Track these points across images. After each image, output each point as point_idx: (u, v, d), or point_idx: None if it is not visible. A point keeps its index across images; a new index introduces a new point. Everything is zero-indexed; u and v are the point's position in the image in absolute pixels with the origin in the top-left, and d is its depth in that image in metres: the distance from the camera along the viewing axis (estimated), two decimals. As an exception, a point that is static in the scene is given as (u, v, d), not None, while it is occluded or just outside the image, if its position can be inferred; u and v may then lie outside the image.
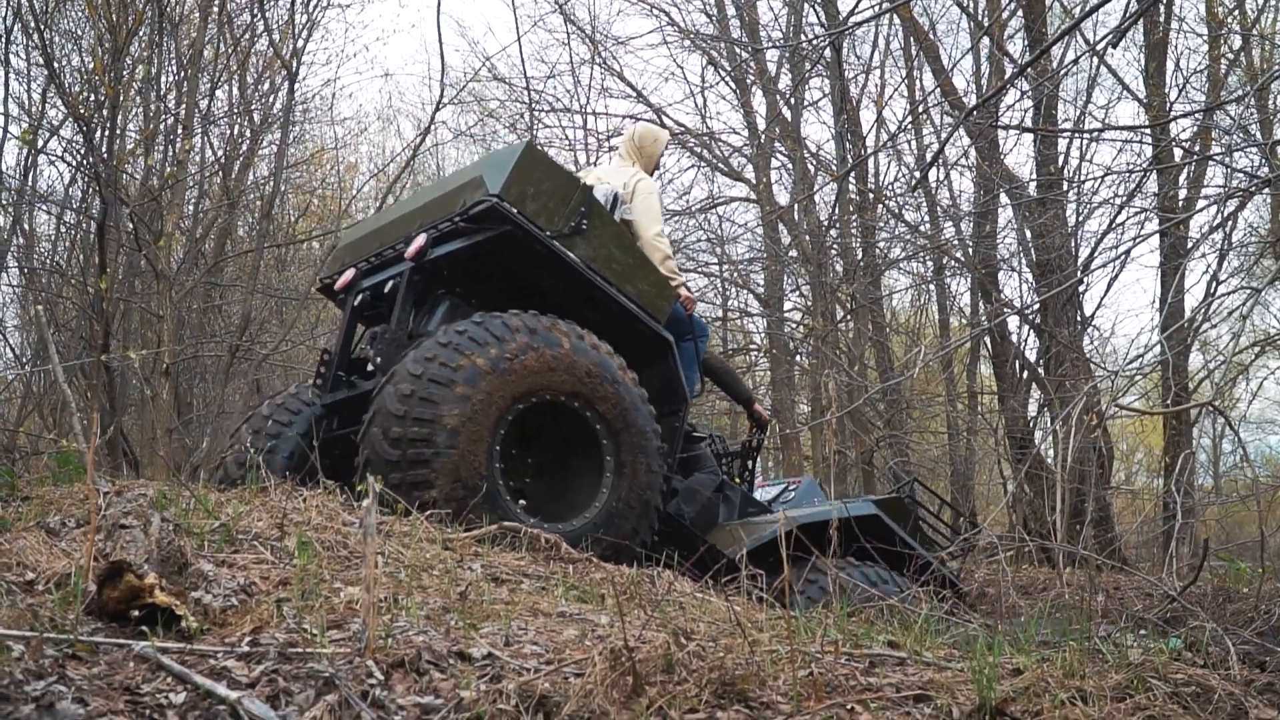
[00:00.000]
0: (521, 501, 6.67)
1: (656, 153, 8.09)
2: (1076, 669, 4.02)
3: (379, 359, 6.86)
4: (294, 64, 13.86)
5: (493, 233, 6.67)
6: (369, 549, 3.62)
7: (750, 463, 8.99)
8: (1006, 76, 14.68)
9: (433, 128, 14.80)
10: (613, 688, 3.47)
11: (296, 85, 14.46)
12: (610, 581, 5.09)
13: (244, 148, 14.84)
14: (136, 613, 3.91)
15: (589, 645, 3.84)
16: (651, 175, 8.06)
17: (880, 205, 18.50)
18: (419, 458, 6.05)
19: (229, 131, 15.04)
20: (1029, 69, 12.54)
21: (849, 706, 3.61)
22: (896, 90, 19.11)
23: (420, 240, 6.74)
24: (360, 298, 7.44)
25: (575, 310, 6.91)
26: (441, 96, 13.81)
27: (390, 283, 7.08)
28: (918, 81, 18.25)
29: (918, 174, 17.39)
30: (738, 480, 8.84)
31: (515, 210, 6.57)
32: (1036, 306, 15.94)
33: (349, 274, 7.51)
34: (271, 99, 15.02)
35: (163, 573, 4.28)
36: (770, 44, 18.68)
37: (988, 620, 5.64)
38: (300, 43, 14.28)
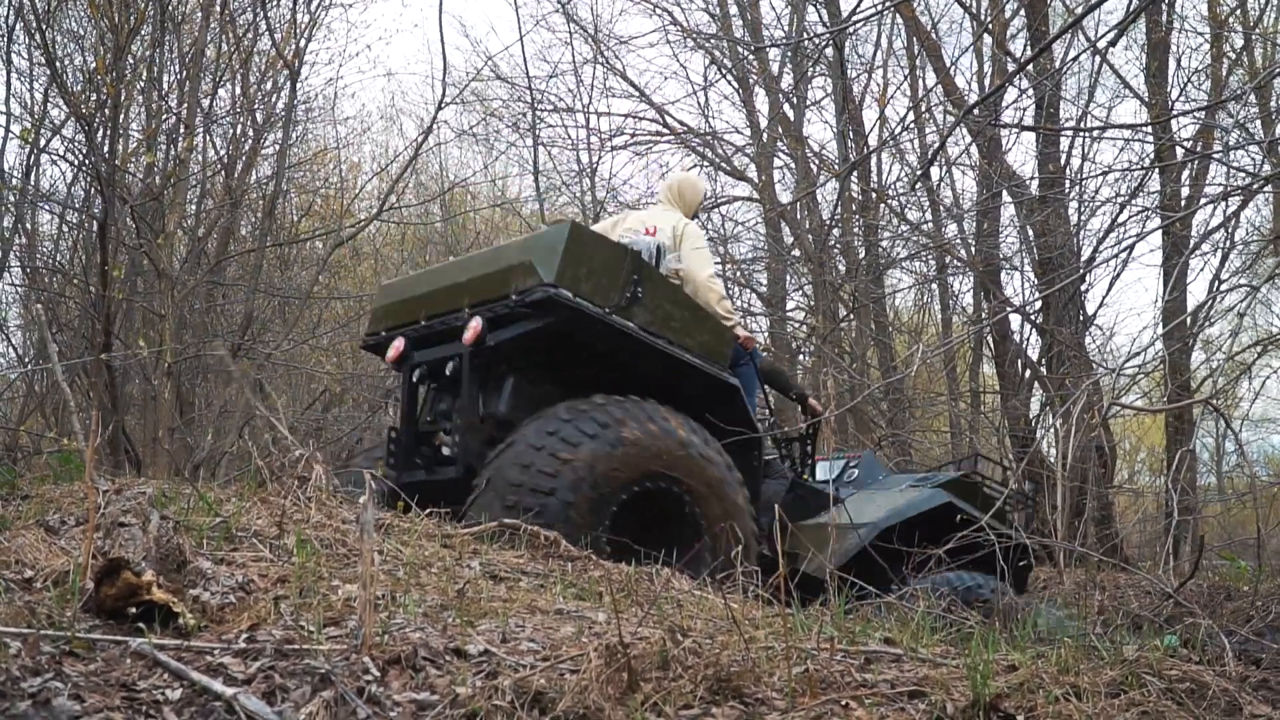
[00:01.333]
0: None
1: (697, 200, 8.12)
2: (1071, 665, 4.04)
3: (457, 447, 6.98)
4: (296, 63, 13.88)
5: (552, 318, 6.69)
6: (366, 546, 3.64)
7: (810, 447, 8.97)
8: (1007, 74, 14.66)
9: (435, 127, 14.80)
10: (608, 684, 3.48)
11: (299, 84, 14.50)
12: (607, 579, 5.10)
13: (246, 147, 14.84)
14: (134, 610, 3.93)
15: (585, 642, 3.85)
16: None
17: (882, 204, 18.51)
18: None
19: (231, 131, 15.06)
20: (1029, 67, 12.54)
21: (843, 703, 3.62)
22: (899, 89, 19.13)
23: (477, 325, 6.73)
24: (417, 373, 7.46)
25: (641, 370, 7.00)
26: (443, 96, 13.81)
27: (450, 364, 7.05)
28: (920, 80, 18.28)
29: (919, 172, 17.38)
30: (801, 470, 8.86)
31: (571, 294, 6.59)
32: (1038, 305, 15.96)
33: (399, 344, 7.49)
34: (274, 98, 15.04)
35: (161, 570, 4.29)
36: (772, 43, 18.69)
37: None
38: (302, 42, 14.32)
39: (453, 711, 3.36)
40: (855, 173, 17.40)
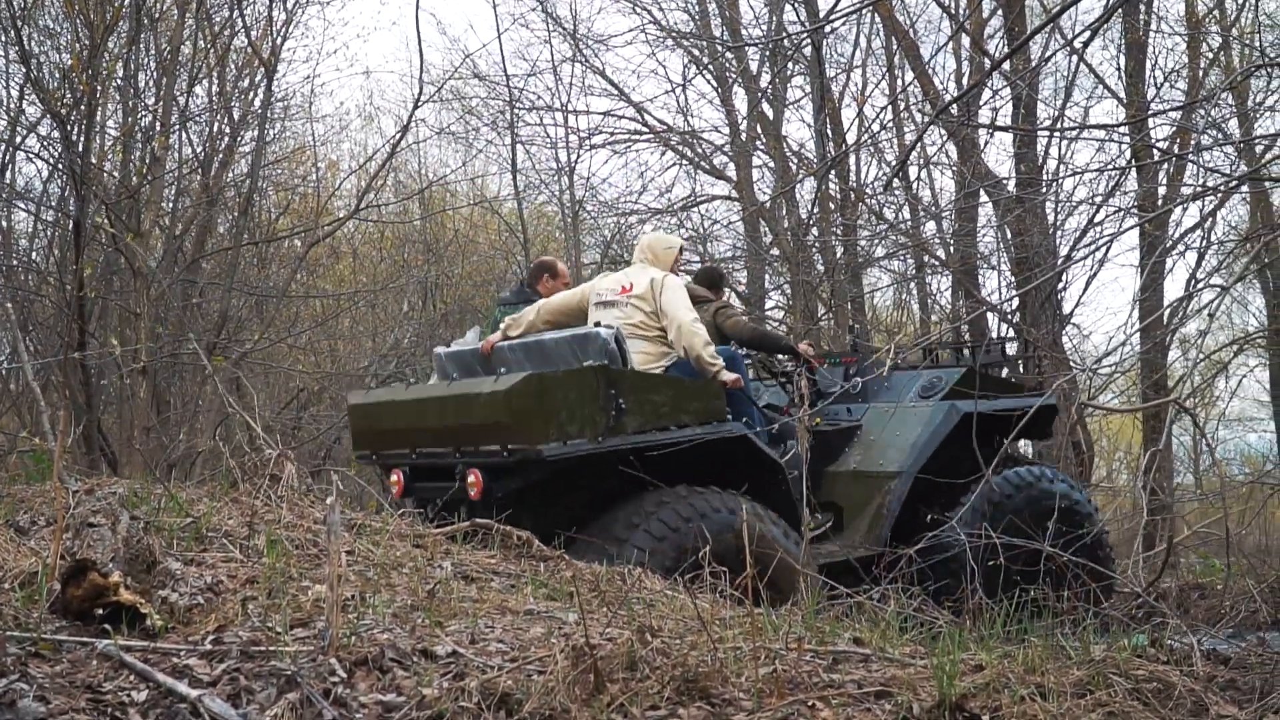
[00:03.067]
0: None
1: (671, 256, 8.04)
2: (1038, 665, 4.05)
3: None
4: (272, 61, 13.84)
5: (548, 470, 6.76)
6: (333, 547, 3.64)
7: (812, 379, 8.89)
8: (982, 74, 14.70)
9: (412, 125, 14.77)
10: (574, 685, 3.48)
11: (275, 82, 14.46)
12: (577, 579, 5.10)
13: (223, 145, 14.80)
14: (101, 611, 3.92)
15: (554, 643, 3.85)
16: None
17: (860, 203, 18.53)
18: None
19: (208, 128, 15.00)
20: (1006, 65, 12.57)
21: (810, 703, 3.63)
22: (876, 87, 19.15)
23: (478, 481, 6.78)
24: (429, 508, 7.44)
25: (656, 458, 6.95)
26: (420, 93, 13.76)
27: (461, 508, 7.00)
28: (899, 80, 18.29)
29: (893, 171, 17.41)
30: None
31: (561, 444, 6.60)
32: (1015, 304, 15.98)
33: (399, 479, 7.57)
34: (251, 96, 14.99)
35: (130, 571, 4.29)
36: (750, 41, 18.69)
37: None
38: (279, 39, 14.28)
39: (419, 713, 3.37)
40: (834, 172, 17.40)
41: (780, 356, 9.04)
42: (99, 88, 12.13)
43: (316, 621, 3.91)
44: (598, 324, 7.22)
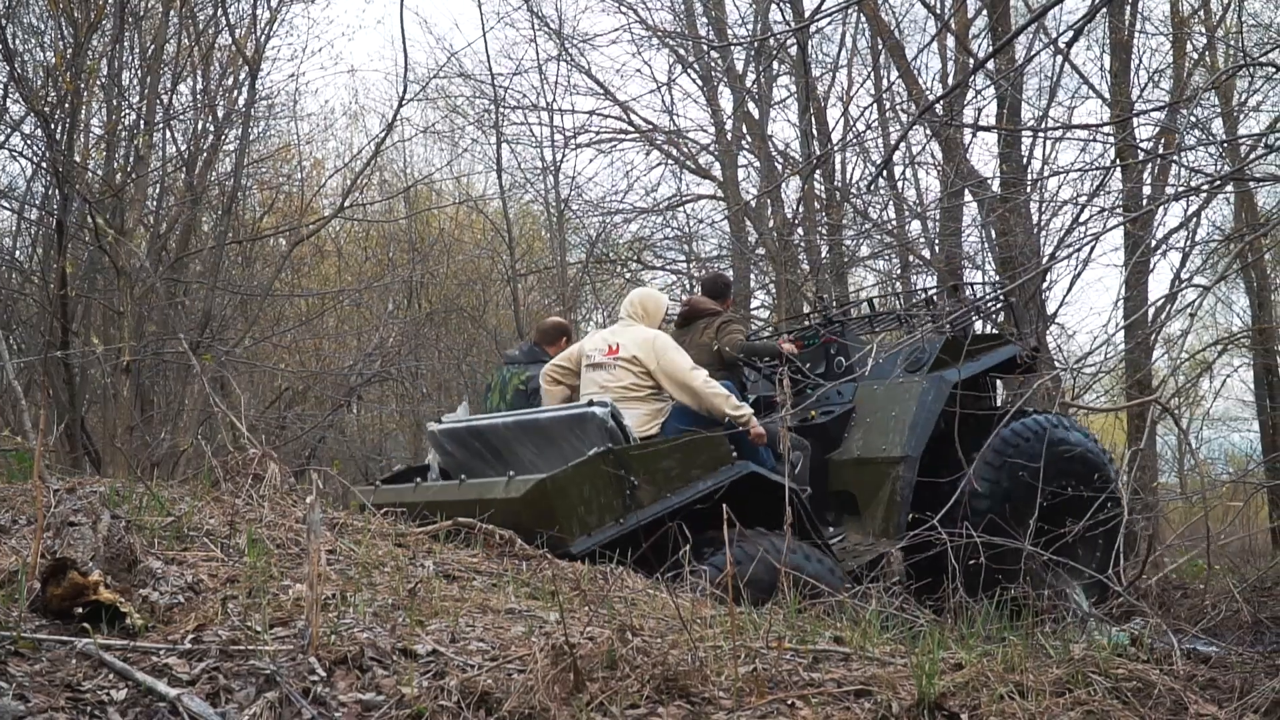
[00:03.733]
0: None
1: (660, 314, 7.96)
2: (1017, 664, 4.06)
3: None
4: (257, 59, 13.81)
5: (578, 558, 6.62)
6: (313, 545, 3.63)
7: (795, 377, 8.90)
8: (967, 72, 14.73)
9: (397, 123, 14.76)
10: (554, 684, 3.49)
11: (260, 81, 14.43)
12: (557, 578, 5.10)
13: (207, 143, 14.76)
14: (81, 610, 3.91)
15: (534, 642, 3.85)
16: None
17: (846, 203, 18.55)
18: None
19: (192, 127, 14.96)
20: (990, 64, 12.59)
21: (790, 702, 3.64)
22: (861, 87, 19.18)
23: None
24: None
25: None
26: (404, 92, 13.78)
27: None
28: (884, 79, 18.32)
29: (876, 170, 17.44)
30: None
31: (588, 537, 6.51)
32: (999, 304, 16.00)
33: None
34: (235, 94, 14.95)
35: (110, 570, 4.28)
36: (735, 40, 18.69)
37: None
38: (263, 38, 14.25)
39: (398, 712, 3.37)
40: (819, 171, 17.42)
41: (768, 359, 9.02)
42: (83, 86, 12.10)
43: (297, 620, 3.91)
44: (590, 400, 7.11)
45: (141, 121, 13.36)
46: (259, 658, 3.52)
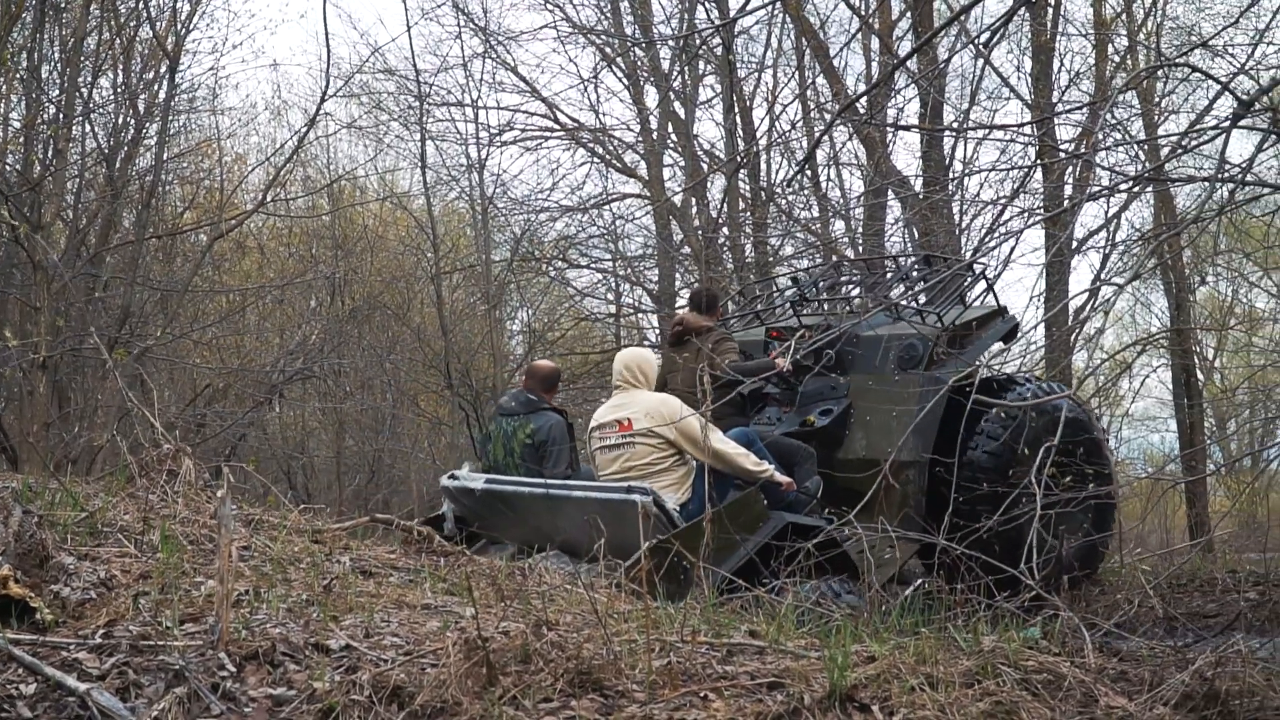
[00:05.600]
0: None
1: (654, 371, 7.90)
2: (929, 656, 4.10)
3: None
4: (176, 53, 13.67)
5: None
6: (224, 538, 3.61)
7: (795, 382, 9.10)
8: (885, 72, 14.85)
9: (320, 118, 14.64)
10: (467, 678, 3.49)
11: (180, 74, 14.28)
12: (471, 574, 5.10)
13: (127, 137, 14.57)
14: (-11, 605, 3.87)
15: (448, 637, 3.85)
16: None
17: (770, 202, 18.63)
18: None
19: (112, 120, 14.77)
20: (912, 65, 12.70)
21: (703, 694, 3.66)
22: (785, 87, 19.26)
23: None
24: None
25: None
26: (326, 87, 13.64)
27: None
28: (810, 80, 18.41)
29: (795, 169, 17.55)
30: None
31: None
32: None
33: None
34: (156, 88, 14.77)
35: (21, 565, 4.23)
36: (660, 38, 18.73)
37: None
38: (184, 31, 14.10)
39: (309, 706, 3.36)
40: (744, 171, 17.50)
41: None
42: (1, 79, 11.92)
43: (208, 616, 3.88)
44: (630, 487, 6.88)
45: (61, 115, 13.19)
46: (168, 653, 3.50)
